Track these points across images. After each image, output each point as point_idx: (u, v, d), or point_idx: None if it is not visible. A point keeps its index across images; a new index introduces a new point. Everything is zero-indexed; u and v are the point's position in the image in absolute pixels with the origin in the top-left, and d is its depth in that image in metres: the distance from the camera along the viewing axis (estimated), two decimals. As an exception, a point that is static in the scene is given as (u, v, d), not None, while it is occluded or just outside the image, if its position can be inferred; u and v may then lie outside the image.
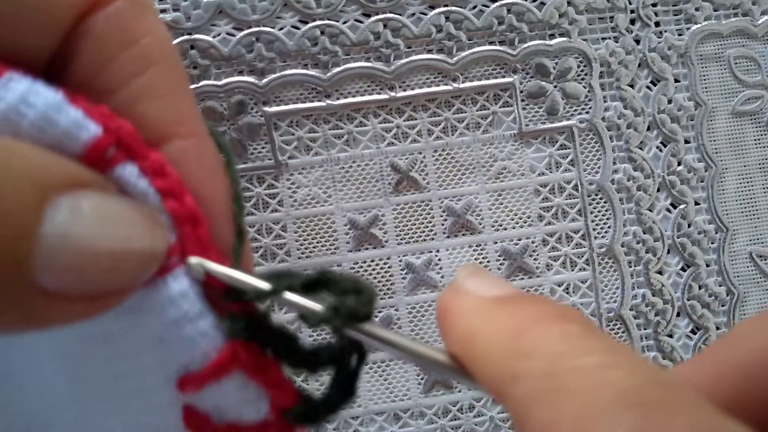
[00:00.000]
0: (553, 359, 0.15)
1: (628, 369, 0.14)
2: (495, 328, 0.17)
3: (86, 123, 0.16)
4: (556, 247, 0.39)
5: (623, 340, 0.39)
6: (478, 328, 0.17)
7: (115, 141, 0.17)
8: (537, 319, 0.16)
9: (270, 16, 0.37)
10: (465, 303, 0.18)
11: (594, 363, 0.15)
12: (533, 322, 0.16)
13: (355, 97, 0.38)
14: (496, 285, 0.19)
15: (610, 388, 0.14)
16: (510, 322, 0.17)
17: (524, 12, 0.38)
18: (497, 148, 0.39)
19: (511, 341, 0.16)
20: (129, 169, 0.17)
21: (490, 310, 0.18)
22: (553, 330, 0.16)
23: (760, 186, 0.40)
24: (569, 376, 0.14)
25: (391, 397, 0.38)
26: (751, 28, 0.40)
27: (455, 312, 0.18)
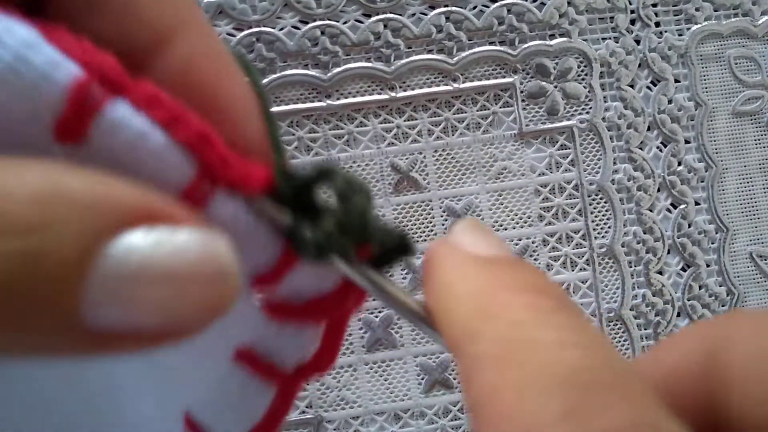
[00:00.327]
0: (513, 326, 0.15)
1: (586, 350, 0.14)
2: (470, 286, 0.17)
3: (64, 63, 0.15)
4: (557, 247, 0.39)
5: (623, 340, 0.39)
6: (454, 284, 0.17)
7: (99, 78, 0.15)
8: (512, 285, 0.16)
9: (270, 16, 0.37)
10: (451, 256, 0.18)
11: (553, 338, 0.14)
12: (507, 288, 0.16)
13: (355, 97, 0.38)
14: (489, 244, 0.19)
15: (559, 366, 0.14)
16: (485, 283, 0.16)
17: (524, 12, 0.38)
18: (497, 148, 0.39)
19: (480, 301, 0.16)
20: (120, 108, 0.15)
21: (471, 268, 0.17)
22: (523, 298, 0.16)
23: (760, 186, 0.40)
24: (523, 346, 0.14)
25: (392, 397, 0.38)
26: (751, 28, 0.40)
27: (439, 263, 0.18)
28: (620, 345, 0.39)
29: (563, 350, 0.14)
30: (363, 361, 0.38)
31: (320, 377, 0.19)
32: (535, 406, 0.13)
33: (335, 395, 0.38)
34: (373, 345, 0.38)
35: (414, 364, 0.38)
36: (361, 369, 0.38)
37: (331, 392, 0.38)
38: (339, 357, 0.38)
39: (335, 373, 0.38)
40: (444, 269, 0.18)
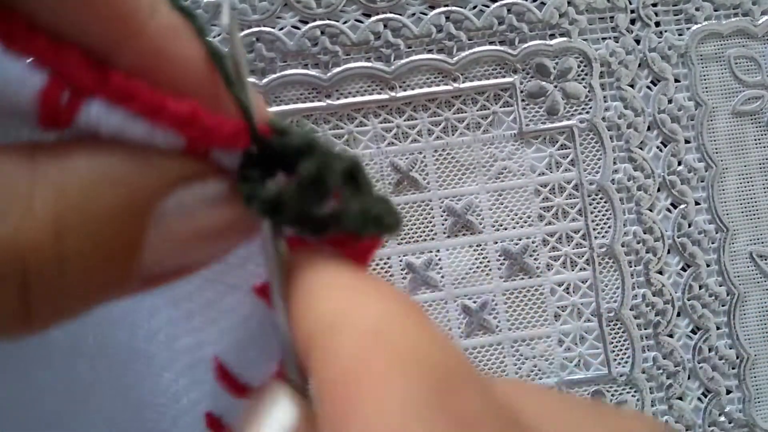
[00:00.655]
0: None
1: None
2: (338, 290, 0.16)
3: (27, 75, 0.14)
4: (557, 246, 0.39)
5: (623, 340, 0.39)
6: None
7: (67, 82, 0.14)
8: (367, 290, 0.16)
9: (270, 16, 0.37)
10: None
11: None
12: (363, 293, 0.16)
13: (355, 97, 0.38)
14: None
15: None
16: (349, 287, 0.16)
17: (524, 12, 0.38)
18: (497, 148, 0.39)
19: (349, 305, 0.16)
20: (95, 108, 0.15)
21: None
22: (380, 305, 0.16)
23: (761, 186, 0.40)
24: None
25: (392, 397, 0.38)
26: (752, 28, 0.40)
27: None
28: (620, 345, 0.39)
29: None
30: (363, 361, 0.38)
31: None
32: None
33: (335, 395, 0.38)
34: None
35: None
36: (361, 369, 0.38)
37: (331, 392, 0.38)
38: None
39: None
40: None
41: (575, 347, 0.39)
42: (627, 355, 0.39)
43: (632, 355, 0.39)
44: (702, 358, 0.39)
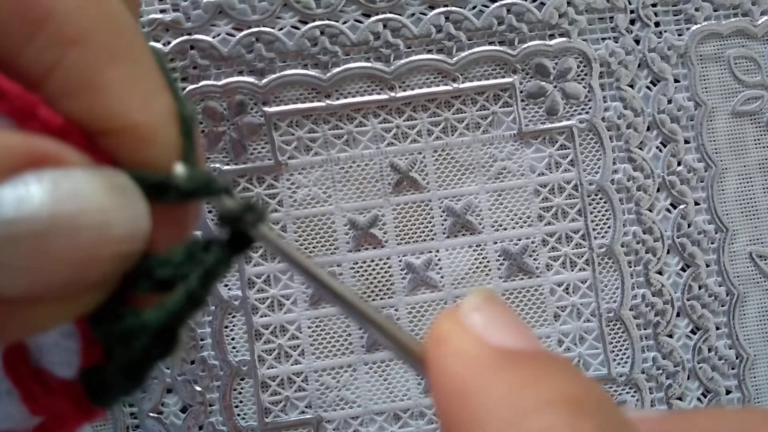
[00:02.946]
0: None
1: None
2: (495, 396, 0.14)
3: None
4: (556, 247, 0.39)
5: (623, 340, 0.39)
6: (476, 389, 0.14)
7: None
8: (548, 402, 0.13)
9: (270, 16, 0.37)
10: (467, 344, 0.15)
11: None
12: (542, 408, 0.13)
13: (354, 97, 0.38)
14: (509, 330, 0.16)
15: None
16: (515, 397, 0.14)
17: (524, 12, 0.38)
18: (497, 148, 0.39)
19: (509, 425, 0.13)
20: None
21: (494, 369, 0.14)
22: (562, 419, 0.13)
23: (760, 186, 0.40)
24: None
25: (391, 397, 0.38)
26: (751, 28, 0.40)
27: (453, 350, 0.15)
28: (620, 345, 0.39)
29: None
30: (362, 361, 0.38)
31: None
32: None
33: (335, 395, 0.38)
34: (372, 345, 0.38)
35: (413, 364, 0.38)
36: (360, 369, 0.38)
37: (330, 392, 0.38)
38: (339, 357, 0.39)
39: (335, 373, 0.38)
40: (460, 361, 0.15)
41: (575, 347, 0.39)
42: (627, 356, 0.39)
43: (632, 355, 0.39)
44: (701, 359, 0.39)
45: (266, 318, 0.38)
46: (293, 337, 0.38)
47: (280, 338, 0.38)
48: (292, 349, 0.38)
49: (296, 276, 0.16)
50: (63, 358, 0.15)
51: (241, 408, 0.38)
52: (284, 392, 0.38)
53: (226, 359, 0.37)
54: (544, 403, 0.13)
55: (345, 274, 0.38)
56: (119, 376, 0.15)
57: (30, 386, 0.16)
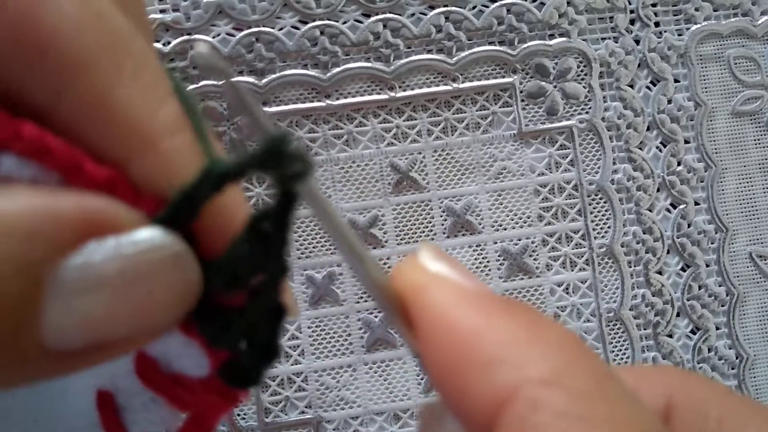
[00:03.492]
0: (578, 401, 0.13)
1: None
2: (505, 338, 0.14)
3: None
4: (556, 247, 0.39)
5: (623, 340, 0.39)
6: (480, 331, 0.15)
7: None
8: (556, 341, 0.15)
9: (270, 16, 0.37)
10: (449, 290, 0.16)
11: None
12: (554, 345, 0.14)
13: (354, 97, 0.38)
14: (468, 276, 0.16)
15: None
16: (524, 333, 0.14)
17: (524, 12, 0.38)
18: (497, 148, 0.39)
19: (531, 358, 0.14)
20: (5, 162, 0.14)
21: (489, 307, 0.15)
22: (582, 365, 0.14)
23: (760, 186, 0.40)
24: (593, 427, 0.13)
25: (391, 397, 0.38)
26: (751, 28, 0.40)
27: (438, 296, 0.16)
28: (620, 345, 0.39)
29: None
30: (363, 361, 0.38)
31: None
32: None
33: (335, 395, 0.38)
34: (372, 345, 0.38)
35: (414, 364, 0.38)
36: (360, 369, 0.38)
37: (330, 392, 0.38)
38: (339, 357, 0.39)
39: (335, 373, 0.38)
40: (450, 307, 0.15)
41: (575, 347, 0.39)
42: (627, 356, 0.39)
43: (632, 355, 0.39)
44: (701, 359, 0.39)
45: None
46: (293, 337, 0.38)
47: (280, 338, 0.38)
48: (292, 349, 0.38)
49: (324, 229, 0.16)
50: (192, 363, 0.17)
51: (241, 408, 0.38)
52: (284, 392, 0.38)
53: (226, 359, 0.37)
54: (554, 346, 0.14)
55: (345, 274, 0.38)
56: (259, 360, 0.17)
57: (171, 390, 0.17)
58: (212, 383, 0.17)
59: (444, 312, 0.15)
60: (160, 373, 0.17)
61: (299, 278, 0.38)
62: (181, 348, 0.17)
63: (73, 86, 0.14)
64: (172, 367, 0.17)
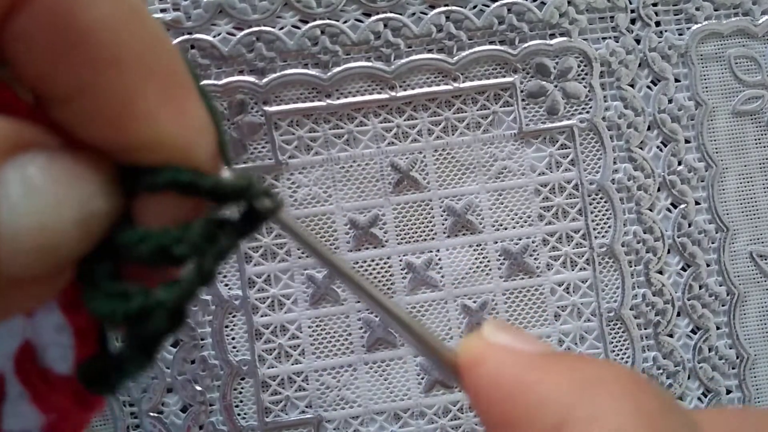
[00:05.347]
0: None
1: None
2: (547, 388, 0.15)
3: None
4: (557, 246, 0.39)
5: (623, 340, 0.39)
6: (527, 385, 0.15)
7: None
8: (606, 381, 0.15)
9: (270, 15, 0.37)
10: (504, 356, 0.16)
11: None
12: (601, 385, 0.15)
13: (355, 96, 0.38)
14: (532, 342, 0.17)
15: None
16: (565, 385, 0.15)
17: (525, 12, 0.38)
18: (497, 147, 0.39)
19: (577, 399, 0.14)
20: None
21: (537, 366, 0.16)
22: (628, 403, 0.14)
23: (761, 186, 0.40)
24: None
25: (391, 397, 0.38)
26: (752, 27, 0.40)
27: (493, 365, 0.16)
28: (620, 345, 0.39)
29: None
30: (363, 360, 0.38)
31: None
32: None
33: (335, 395, 0.38)
34: (373, 345, 0.38)
35: (414, 363, 0.38)
36: (360, 369, 0.38)
37: (330, 392, 0.38)
38: (339, 357, 0.39)
39: (335, 372, 0.38)
40: (502, 371, 0.16)
41: (575, 347, 0.39)
42: (627, 355, 0.39)
43: (632, 355, 0.39)
44: (702, 358, 0.39)
45: (266, 317, 0.38)
46: (293, 337, 0.38)
47: (280, 338, 0.38)
48: (292, 349, 0.38)
49: (310, 258, 0.16)
50: (59, 354, 0.16)
51: (242, 408, 0.38)
52: (284, 392, 0.38)
53: (227, 359, 0.37)
54: (592, 383, 0.15)
55: (345, 274, 0.38)
56: (133, 356, 0.15)
57: (37, 385, 0.16)
58: (72, 384, 0.16)
59: (499, 369, 0.16)
60: (34, 365, 0.16)
61: (299, 278, 0.38)
62: (54, 334, 0.16)
63: (98, 82, 0.14)
64: (45, 359, 0.16)
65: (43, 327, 0.16)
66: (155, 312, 0.15)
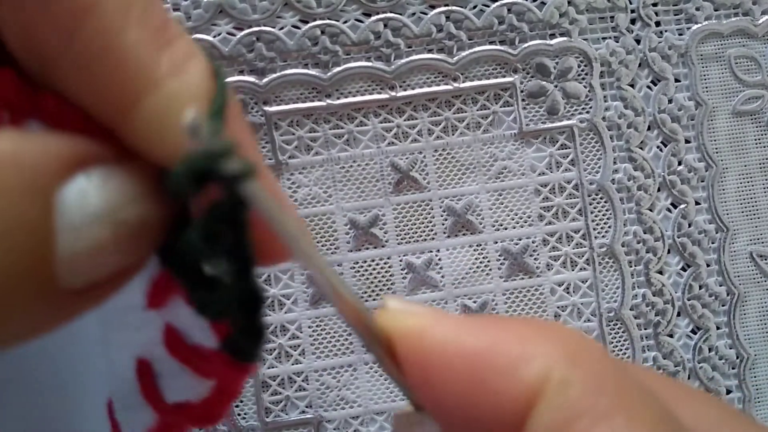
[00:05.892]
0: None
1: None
2: (515, 342, 0.16)
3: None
4: (557, 246, 0.39)
5: (623, 340, 0.39)
6: (494, 343, 0.16)
7: (6, 106, 0.15)
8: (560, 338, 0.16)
9: (270, 15, 0.37)
10: (442, 323, 0.16)
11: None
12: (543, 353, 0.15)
13: (355, 96, 0.38)
14: (439, 311, 0.18)
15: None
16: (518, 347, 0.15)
17: (525, 12, 0.38)
18: (498, 147, 0.39)
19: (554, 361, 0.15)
20: (34, 127, 0.15)
21: (483, 326, 0.16)
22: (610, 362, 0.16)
23: (761, 186, 0.40)
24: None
25: (392, 397, 0.38)
26: (752, 27, 0.40)
27: (437, 332, 0.16)
28: (620, 345, 0.39)
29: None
30: (363, 360, 0.38)
31: (203, 426, 0.20)
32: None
33: (335, 395, 0.38)
34: (373, 345, 0.38)
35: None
36: (361, 369, 0.38)
37: (331, 392, 0.38)
38: (339, 357, 0.39)
39: (335, 372, 0.38)
40: (444, 336, 0.16)
41: (575, 347, 0.39)
42: (627, 355, 0.39)
43: (632, 355, 0.39)
44: (702, 358, 0.39)
45: (267, 317, 0.38)
46: (294, 337, 0.38)
47: (280, 338, 0.38)
48: (292, 349, 0.38)
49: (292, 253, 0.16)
50: (203, 334, 0.18)
51: (242, 408, 0.38)
52: (285, 392, 0.38)
53: (227, 359, 0.37)
54: (565, 337, 0.16)
55: (345, 274, 0.38)
56: (247, 341, 0.17)
57: (193, 360, 0.19)
58: (223, 355, 0.18)
59: (452, 340, 0.16)
60: (183, 344, 0.18)
61: (299, 278, 0.38)
62: (192, 320, 0.18)
63: (83, 27, 0.14)
64: (192, 340, 0.18)
65: (179, 314, 0.18)
66: (239, 319, 0.17)
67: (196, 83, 0.16)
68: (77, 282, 0.14)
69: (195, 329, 0.18)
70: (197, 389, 0.19)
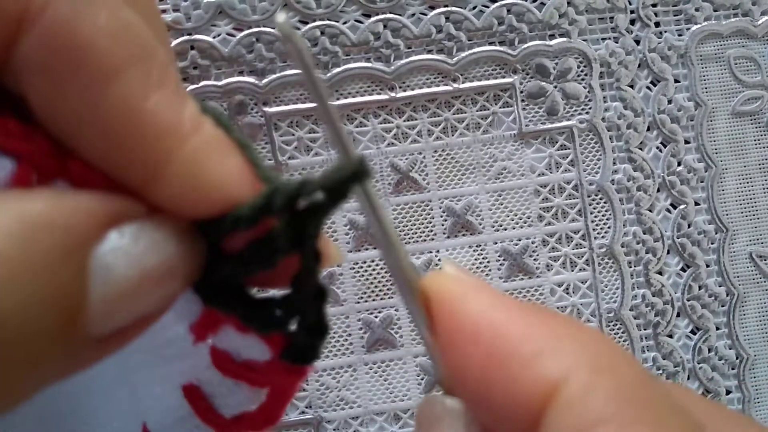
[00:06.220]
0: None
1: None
2: (546, 333, 0.16)
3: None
4: (556, 247, 0.39)
5: (623, 341, 0.39)
6: (525, 329, 0.16)
7: (35, 167, 0.15)
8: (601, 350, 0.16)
9: (270, 16, 0.37)
10: (482, 296, 0.17)
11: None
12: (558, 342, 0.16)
13: (355, 97, 0.38)
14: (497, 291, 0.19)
15: None
16: (567, 336, 0.16)
17: (524, 12, 0.38)
18: (497, 148, 0.39)
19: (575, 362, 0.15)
20: (59, 186, 0.16)
21: (528, 314, 0.17)
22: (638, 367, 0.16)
23: (760, 186, 0.40)
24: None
25: (391, 397, 0.38)
26: (751, 28, 0.40)
27: (475, 303, 0.17)
28: (620, 345, 0.39)
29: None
30: (363, 361, 0.38)
31: (264, 430, 0.21)
32: None
33: (335, 395, 0.38)
34: (372, 345, 0.38)
35: (414, 364, 0.38)
36: (360, 369, 0.38)
37: (330, 392, 0.38)
38: (339, 357, 0.39)
39: (335, 373, 0.38)
40: (480, 309, 0.17)
41: (575, 347, 0.39)
42: (627, 356, 0.39)
43: (632, 355, 0.39)
44: (702, 359, 0.39)
45: (266, 318, 0.38)
46: (293, 338, 0.38)
47: (280, 338, 0.38)
48: (292, 349, 0.38)
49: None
50: (255, 351, 0.19)
51: (242, 408, 0.38)
52: (284, 392, 0.38)
53: (227, 359, 0.37)
54: (595, 341, 0.16)
55: (345, 274, 0.38)
56: (311, 339, 0.19)
57: (247, 375, 0.20)
58: (278, 364, 0.19)
59: (487, 315, 0.17)
60: (234, 363, 0.20)
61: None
62: (242, 341, 0.19)
63: (108, 94, 0.15)
64: (242, 357, 0.20)
65: (224, 338, 0.19)
66: (306, 317, 0.18)
67: (213, 133, 0.16)
68: (105, 330, 0.15)
69: (245, 348, 0.19)
70: (253, 399, 0.20)
